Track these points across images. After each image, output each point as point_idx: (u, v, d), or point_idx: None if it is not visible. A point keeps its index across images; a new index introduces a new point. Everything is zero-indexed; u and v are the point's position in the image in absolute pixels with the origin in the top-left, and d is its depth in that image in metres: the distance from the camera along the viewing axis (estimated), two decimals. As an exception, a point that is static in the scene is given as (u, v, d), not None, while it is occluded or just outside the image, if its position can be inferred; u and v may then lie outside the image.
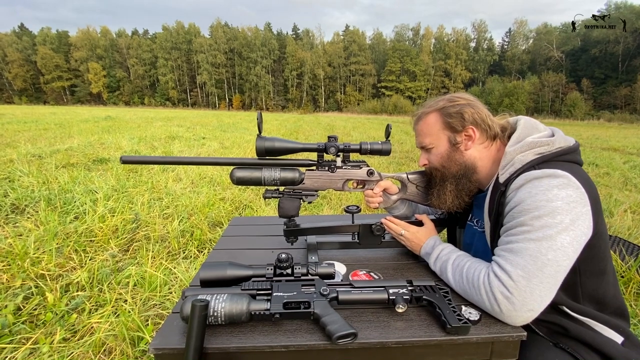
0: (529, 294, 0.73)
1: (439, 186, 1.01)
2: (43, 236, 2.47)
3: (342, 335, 0.68)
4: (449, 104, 0.96)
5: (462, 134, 0.95)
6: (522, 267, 0.74)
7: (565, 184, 0.76)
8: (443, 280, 0.93)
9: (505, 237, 0.81)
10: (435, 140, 0.99)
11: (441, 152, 0.98)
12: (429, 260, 0.99)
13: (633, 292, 1.99)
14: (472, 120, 0.94)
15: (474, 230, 1.05)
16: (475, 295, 0.81)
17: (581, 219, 0.75)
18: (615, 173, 5.99)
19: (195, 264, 2.32)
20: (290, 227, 1.09)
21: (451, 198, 0.99)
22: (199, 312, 0.65)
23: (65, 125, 11.93)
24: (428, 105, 1.01)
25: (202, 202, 3.48)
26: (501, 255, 0.79)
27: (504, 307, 0.75)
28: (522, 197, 0.78)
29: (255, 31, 66.35)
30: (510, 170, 0.85)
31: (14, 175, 4.08)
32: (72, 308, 1.81)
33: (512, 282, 0.74)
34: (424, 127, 1.00)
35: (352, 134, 12.63)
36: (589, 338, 0.82)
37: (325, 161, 1.02)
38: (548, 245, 0.73)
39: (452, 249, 0.96)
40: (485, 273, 0.80)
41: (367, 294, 0.80)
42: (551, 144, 0.84)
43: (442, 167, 0.99)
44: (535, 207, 0.75)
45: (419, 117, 1.01)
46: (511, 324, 0.76)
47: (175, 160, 0.96)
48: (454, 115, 0.94)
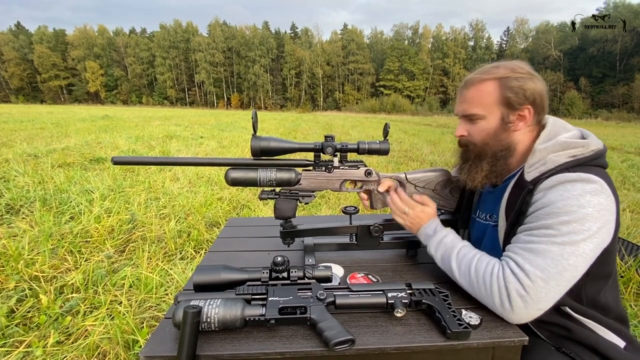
0: (544, 295, 0.72)
1: (474, 163, 0.92)
2: (38, 237, 2.44)
3: (340, 342, 0.66)
4: (511, 74, 0.84)
5: (516, 113, 0.85)
6: (542, 269, 0.72)
7: (598, 191, 0.73)
8: (442, 267, 0.89)
9: (525, 236, 0.78)
10: (486, 113, 0.87)
11: (488, 128, 0.88)
12: (429, 243, 0.93)
13: (633, 292, 1.98)
14: (532, 99, 0.84)
15: (484, 225, 0.99)
16: (483, 290, 0.78)
17: (606, 227, 0.74)
18: (613, 172, 5.99)
19: (191, 264, 2.30)
20: (286, 229, 1.07)
21: (481, 177, 0.91)
22: (192, 319, 0.63)
23: (62, 124, 11.86)
24: (484, 71, 0.88)
25: (200, 202, 3.45)
26: (519, 253, 0.76)
27: (516, 305, 0.73)
28: (552, 199, 0.75)
29: (254, 30, 66.28)
30: (541, 170, 0.80)
31: (9, 175, 4.04)
32: (66, 310, 1.78)
33: (530, 281, 0.72)
34: (477, 95, 0.87)
35: (351, 133, 12.61)
36: (592, 341, 0.80)
37: (322, 161, 0.99)
38: (571, 250, 0.72)
39: (456, 236, 0.91)
40: (499, 269, 0.77)
41: (365, 298, 0.78)
42: (586, 147, 0.79)
43: (483, 144, 0.90)
44: (566, 211, 0.73)
45: (472, 82, 0.88)
46: (514, 323, 0.75)
47: (169, 161, 0.94)
48: (516, 90, 0.83)
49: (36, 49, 62.78)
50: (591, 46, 48.45)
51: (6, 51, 62.62)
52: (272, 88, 68.33)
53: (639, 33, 43.16)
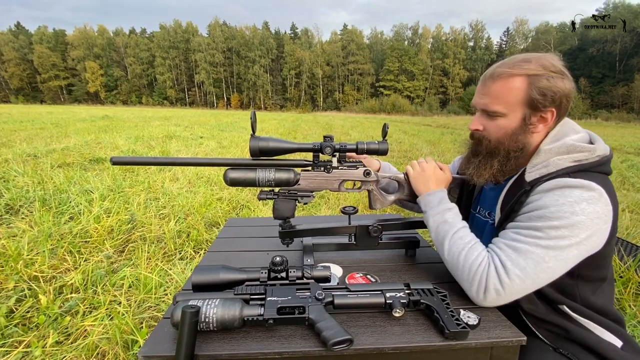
0: (517, 291, 0.75)
1: (484, 159, 0.89)
2: (37, 237, 2.44)
3: (338, 342, 0.66)
4: (542, 71, 0.78)
5: (539, 114, 0.81)
6: (521, 268, 0.74)
7: (595, 199, 0.72)
8: (432, 238, 0.90)
9: (513, 233, 0.78)
10: (507, 111, 0.82)
11: (507, 127, 0.83)
12: (428, 210, 0.91)
13: (632, 293, 1.98)
14: (559, 102, 0.79)
15: (484, 222, 0.99)
16: (465, 275, 0.80)
17: (597, 235, 0.74)
18: (612, 172, 5.98)
19: (191, 265, 2.30)
20: (285, 229, 1.07)
21: (489, 175, 0.88)
22: (190, 319, 0.63)
23: (61, 124, 11.86)
24: (514, 63, 0.80)
25: (199, 202, 3.45)
26: (504, 250, 0.77)
27: (490, 296, 0.76)
28: (547, 202, 0.74)
29: (253, 30, 66.26)
30: (542, 172, 0.79)
31: (8, 175, 4.04)
32: (65, 310, 1.78)
33: (508, 279, 0.74)
34: (502, 91, 0.81)
35: (351, 133, 12.61)
36: (590, 341, 0.80)
37: (321, 161, 0.99)
38: (554, 254, 0.73)
39: (457, 213, 0.90)
40: (487, 264, 0.77)
41: (363, 298, 0.78)
42: (592, 152, 0.77)
43: (498, 142, 0.85)
44: (558, 217, 0.72)
45: (499, 75, 0.81)
46: (481, 306, 0.79)
47: (168, 161, 0.94)
48: (544, 91, 0.77)
49: (36, 49, 62.77)
50: (591, 47, 48.48)
51: (6, 51, 62.62)
52: (272, 88, 68.34)
53: (638, 33, 43.21)
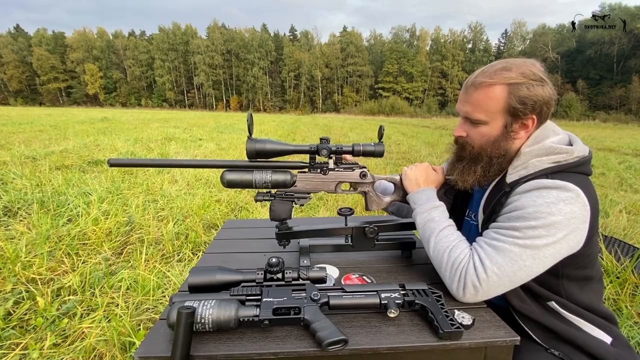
0: (494, 288, 0.77)
1: (467, 165, 0.91)
2: (35, 239, 2.44)
3: (333, 342, 0.66)
4: (521, 79, 0.79)
5: (520, 122, 0.83)
6: (499, 266, 0.76)
7: (572, 200, 0.74)
8: (419, 235, 0.94)
9: (493, 232, 0.81)
10: (489, 119, 0.84)
11: (489, 134, 0.85)
12: (416, 207, 0.95)
13: (628, 293, 1.99)
14: (539, 110, 0.81)
15: (471, 224, 1.03)
16: (447, 272, 0.83)
17: (574, 234, 0.75)
18: (610, 173, 6.02)
19: (189, 266, 2.30)
20: (282, 230, 1.07)
21: (473, 180, 0.91)
22: (185, 320, 0.63)
23: (60, 126, 11.85)
24: (494, 72, 0.81)
25: (198, 204, 3.45)
26: (484, 248, 0.80)
27: (468, 292, 0.79)
28: (524, 203, 0.76)
29: (252, 32, 66.40)
30: (522, 173, 0.82)
31: (7, 177, 4.03)
32: (63, 313, 1.78)
33: (486, 276, 0.77)
34: (483, 99, 0.83)
35: (350, 135, 12.63)
36: (580, 340, 0.81)
37: (318, 163, 1.00)
38: (531, 253, 0.75)
39: (444, 211, 0.92)
40: (467, 261, 0.80)
41: (358, 298, 0.78)
42: (570, 153, 0.79)
43: (481, 149, 0.88)
44: (535, 217, 0.74)
45: (480, 84, 0.82)
46: (462, 302, 0.82)
47: (165, 163, 0.95)
48: (524, 100, 0.79)
49: (35, 51, 62.76)
50: (588, 48, 48.71)
51: (5, 54, 62.61)
52: (271, 90, 68.44)
53: (636, 35, 43.44)
